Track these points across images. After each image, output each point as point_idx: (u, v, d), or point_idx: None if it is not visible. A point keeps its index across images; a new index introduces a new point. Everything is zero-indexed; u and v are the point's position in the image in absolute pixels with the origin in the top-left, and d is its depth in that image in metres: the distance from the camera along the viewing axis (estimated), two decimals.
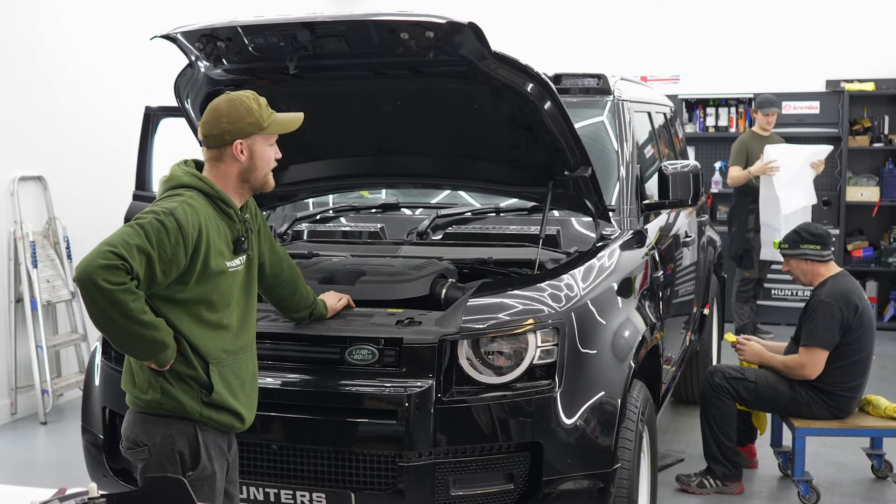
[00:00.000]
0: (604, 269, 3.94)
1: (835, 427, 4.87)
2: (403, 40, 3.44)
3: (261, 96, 2.94)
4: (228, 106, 2.88)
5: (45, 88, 6.69)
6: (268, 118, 2.90)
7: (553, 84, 4.87)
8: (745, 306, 8.56)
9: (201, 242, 2.76)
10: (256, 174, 2.93)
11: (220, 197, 2.87)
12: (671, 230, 5.36)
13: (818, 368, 4.75)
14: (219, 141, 2.88)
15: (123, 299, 2.59)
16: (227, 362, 2.89)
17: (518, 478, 3.38)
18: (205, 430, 2.86)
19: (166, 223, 2.69)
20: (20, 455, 5.93)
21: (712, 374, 5.03)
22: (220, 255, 2.84)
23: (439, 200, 4.87)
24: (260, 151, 2.91)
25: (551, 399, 3.37)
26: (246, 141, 2.88)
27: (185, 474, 2.79)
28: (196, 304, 2.81)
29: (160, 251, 2.67)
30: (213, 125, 2.88)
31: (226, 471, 2.97)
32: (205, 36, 3.65)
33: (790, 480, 5.11)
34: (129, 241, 2.63)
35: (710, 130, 9.84)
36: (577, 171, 4.02)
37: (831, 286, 4.87)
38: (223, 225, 2.87)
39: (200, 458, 2.84)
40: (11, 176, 6.42)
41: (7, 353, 6.44)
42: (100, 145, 7.10)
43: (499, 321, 3.41)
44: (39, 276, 6.51)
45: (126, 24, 7.22)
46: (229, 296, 2.89)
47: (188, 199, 2.79)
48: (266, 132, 2.90)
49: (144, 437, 2.85)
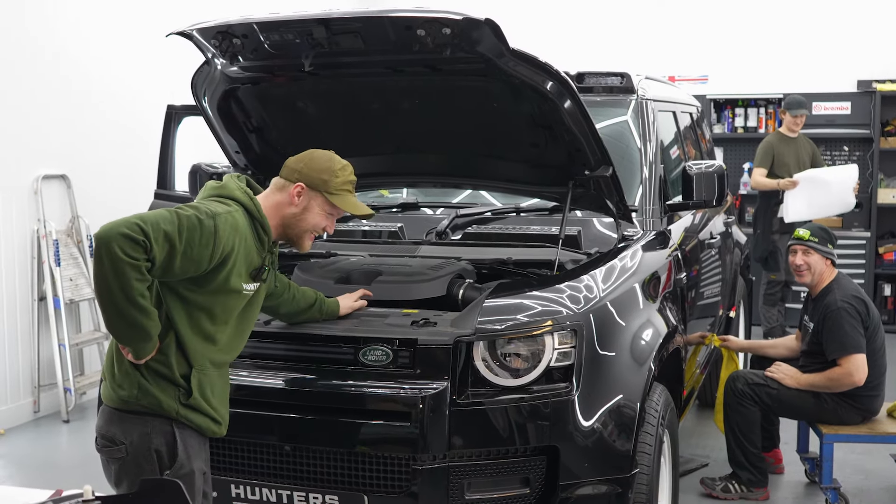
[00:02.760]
0: (625, 270, 3.87)
1: (863, 433, 4.78)
2: (420, 37, 3.40)
3: (353, 176, 3.05)
4: (321, 155, 3.01)
5: (68, 88, 6.71)
6: (339, 188, 2.97)
7: (576, 83, 4.85)
8: (772, 309, 8.43)
9: (230, 258, 2.77)
10: (298, 226, 2.98)
11: (262, 222, 2.90)
12: (696, 231, 5.28)
13: (864, 372, 4.66)
14: (290, 175, 2.98)
15: (129, 275, 2.56)
16: (208, 373, 2.88)
17: (534, 482, 3.32)
18: (182, 429, 2.84)
19: (205, 223, 2.69)
20: (43, 453, 5.95)
21: (735, 381, 4.95)
22: (240, 275, 2.84)
23: (460, 200, 4.82)
24: (315, 210, 2.98)
25: (568, 402, 3.31)
26: (308, 191, 2.95)
27: (161, 472, 2.77)
28: (200, 310, 2.81)
29: (186, 247, 2.66)
30: (297, 161, 3.00)
31: (204, 470, 2.94)
32: (220, 33, 3.62)
33: (817, 487, 5.03)
34: (159, 224, 2.62)
35: (738, 131, 9.73)
36: (597, 171, 3.96)
37: (839, 290, 4.80)
38: (254, 249, 2.89)
39: (178, 455, 2.81)
40: (35, 174, 6.45)
41: (30, 352, 6.47)
42: (122, 144, 7.12)
43: (515, 322, 3.35)
44: (62, 274, 6.53)
45: (147, 24, 7.22)
46: (231, 313, 2.89)
47: (235, 213, 2.81)
48: (331, 199, 2.96)
49: (122, 436, 2.82)
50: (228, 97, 4.07)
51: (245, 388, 3.43)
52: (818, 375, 4.75)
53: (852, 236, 9.08)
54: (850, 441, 4.92)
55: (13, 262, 6.35)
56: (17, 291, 6.38)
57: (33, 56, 6.43)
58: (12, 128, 6.29)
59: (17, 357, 6.40)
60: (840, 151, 9.44)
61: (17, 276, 6.37)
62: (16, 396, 6.39)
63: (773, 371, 4.91)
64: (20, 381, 6.42)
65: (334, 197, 2.96)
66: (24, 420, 6.43)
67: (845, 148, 9.43)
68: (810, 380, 4.78)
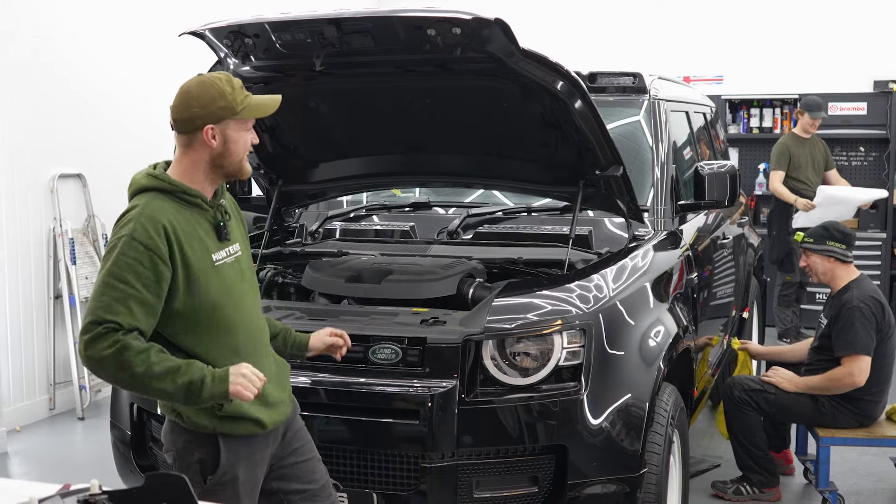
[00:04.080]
0: (635, 270, 3.88)
1: (860, 437, 4.73)
2: (430, 37, 3.42)
3: (235, 78, 2.76)
4: (199, 88, 2.68)
5: (84, 89, 6.76)
6: (241, 101, 2.69)
7: (588, 83, 4.86)
8: (787, 310, 8.41)
9: (172, 243, 2.60)
10: (230, 160, 2.72)
11: (180, 189, 2.68)
12: (708, 231, 5.28)
13: (866, 374, 4.61)
14: (189, 126, 2.68)
15: (125, 360, 2.48)
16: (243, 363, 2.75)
17: (542, 481, 3.33)
18: (226, 438, 2.75)
19: (133, 251, 2.55)
20: (58, 450, 5.99)
21: (731, 388, 4.93)
22: (203, 248, 2.68)
23: (472, 200, 4.84)
24: (234, 137, 2.70)
25: (577, 401, 3.33)
26: (218, 126, 2.68)
27: (204, 479, 2.74)
28: (194, 313, 2.66)
29: (143, 281, 2.54)
30: (182, 109, 2.69)
31: (263, 472, 2.86)
32: (232, 33, 3.65)
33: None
34: (104, 301, 2.52)
35: (753, 131, 9.69)
36: (608, 171, 3.97)
37: (857, 290, 4.74)
38: (194, 216, 2.70)
39: (221, 463, 2.74)
40: (51, 174, 6.50)
41: (46, 349, 6.52)
42: (137, 143, 7.16)
43: (524, 322, 3.36)
44: (78, 272, 6.57)
45: (162, 25, 7.26)
46: (225, 294, 2.72)
47: (143, 210, 2.61)
48: (240, 116, 2.69)
49: (169, 443, 2.81)
50: None
51: None
52: (817, 378, 4.72)
53: (868, 237, 9.03)
54: (848, 444, 4.87)
55: (29, 261, 6.40)
56: (33, 289, 6.44)
57: (50, 58, 6.48)
58: (29, 128, 6.34)
59: (33, 354, 6.45)
60: (856, 152, 9.39)
61: (33, 275, 6.43)
62: (31, 394, 6.44)
63: (770, 376, 4.89)
64: (36, 378, 6.47)
65: (241, 114, 2.69)
66: (40, 417, 6.48)
67: (861, 149, 9.37)
68: (808, 382, 4.75)
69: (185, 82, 2.73)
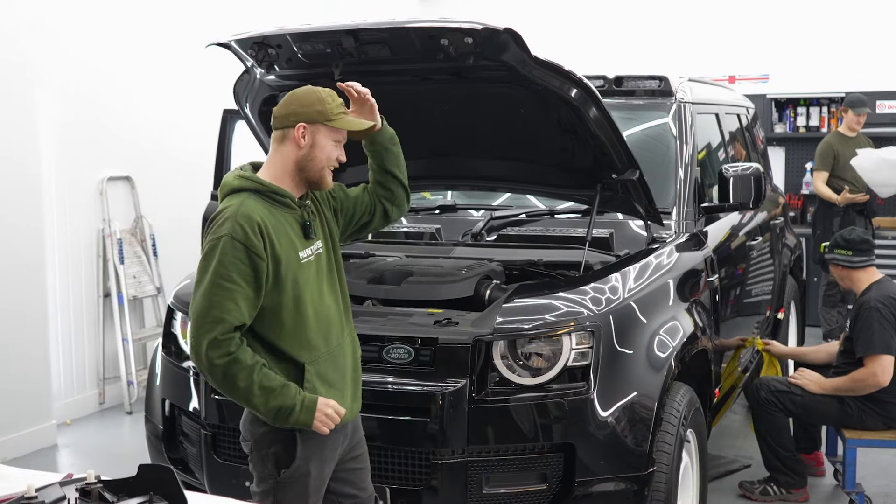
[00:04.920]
0: (651, 271, 3.94)
1: (888, 439, 4.74)
2: (444, 46, 3.52)
3: (339, 98, 2.95)
4: (303, 92, 2.91)
5: (133, 94, 6.99)
6: (336, 113, 2.88)
7: (615, 86, 4.92)
8: (832, 311, 8.33)
9: (265, 240, 2.75)
10: (313, 165, 2.88)
11: (270, 189, 2.84)
12: (737, 232, 5.30)
13: (889, 373, 4.61)
14: (285, 122, 2.87)
15: (232, 373, 2.71)
16: (322, 358, 2.90)
17: (551, 478, 3.41)
18: (303, 433, 2.86)
19: (233, 250, 2.72)
20: (106, 443, 6.22)
21: (758, 389, 4.96)
22: (291, 245, 2.83)
23: (500, 202, 4.92)
24: (321, 143, 2.88)
25: (585, 401, 3.40)
26: (310, 127, 2.86)
27: (279, 472, 2.87)
28: (279, 308, 2.81)
29: (245, 278, 2.72)
30: (283, 106, 2.90)
31: (331, 470, 2.99)
32: (257, 43, 3.79)
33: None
34: (215, 300, 2.71)
35: (800, 130, 9.60)
36: (624, 175, 4.04)
37: (876, 290, 4.75)
38: (284, 217, 2.85)
39: (295, 458, 2.86)
40: (101, 176, 6.73)
41: (95, 346, 6.75)
42: (184, 147, 7.38)
43: (534, 323, 3.45)
44: (126, 272, 6.80)
45: (206, 33, 7.44)
46: (307, 291, 2.86)
47: (238, 210, 2.77)
48: (332, 124, 2.87)
49: (248, 433, 2.93)
50: (269, 105, 4.23)
51: None
52: (842, 379, 4.73)
53: None
54: (875, 446, 4.86)
55: (80, 261, 6.64)
56: (83, 288, 6.68)
57: (100, 66, 6.72)
58: (80, 132, 6.58)
59: (84, 351, 6.69)
60: None
61: (83, 274, 6.67)
62: (82, 388, 6.69)
63: (796, 377, 4.91)
64: (86, 373, 6.72)
65: (334, 122, 2.87)
66: (90, 411, 6.72)
67: None
68: (834, 384, 4.76)
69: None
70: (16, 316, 5.81)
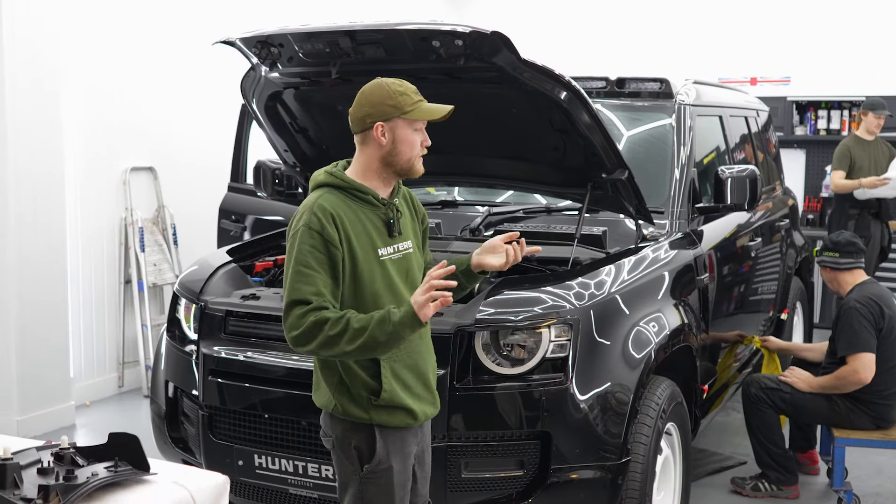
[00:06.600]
0: (638, 267, 4.05)
1: (876, 438, 4.81)
2: (435, 48, 3.66)
3: (409, 84, 2.95)
4: (371, 89, 2.91)
5: (157, 87, 7.20)
6: (410, 104, 2.89)
7: (617, 88, 5.03)
8: None
9: (340, 231, 2.81)
10: (400, 158, 2.91)
11: (352, 186, 2.89)
12: (738, 232, 5.39)
13: (871, 370, 4.68)
14: (361, 125, 2.90)
15: (323, 336, 2.72)
16: (398, 356, 2.91)
17: (528, 465, 3.55)
18: (381, 428, 2.91)
19: (310, 239, 2.79)
20: (122, 424, 6.36)
21: (748, 385, 5.05)
22: (370, 241, 2.88)
23: (502, 199, 5.05)
24: (402, 135, 2.89)
25: (562, 391, 3.52)
26: (387, 124, 2.87)
27: (361, 467, 2.92)
28: (358, 302, 2.86)
29: (322, 265, 2.78)
30: (357, 108, 2.91)
31: (412, 466, 3.03)
32: (260, 42, 3.95)
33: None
34: (296, 286, 2.77)
35: (821, 133, 9.62)
36: (614, 174, 4.15)
37: (857, 292, 4.84)
38: (365, 213, 2.90)
39: (377, 452, 2.91)
40: (124, 166, 6.94)
41: (116, 331, 6.98)
42: (205, 139, 7.59)
43: (514, 315, 3.58)
44: (147, 259, 7.01)
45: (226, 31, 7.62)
46: (387, 287, 2.90)
47: (316, 201, 2.84)
48: (408, 116, 2.88)
49: (328, 429, 3.02)
50: (274, 100, 4.40)
51: (262, 368, 3.78)
52: (827, 377, 4.82)
53: None
54: (863, 445, 4.93)
55: (102, 248, 6.86)
56: (105, 275, 6.90)
57: (125, 60, 6.94)
58: (104, 123, 6.80)
59: (105, 335, 6.92)
60: None
61: (105, 261, 6.89)
62: (102, 371, 6.92)
63: (786, 375, 5.00)
64: (106, 357, 6.94)
65: (410, 113, 2.88)
66: (109, 394, 6.95)
67: None
68: (821, 382, 4.85)
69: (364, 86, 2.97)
70: (39, 300, 6.04)
